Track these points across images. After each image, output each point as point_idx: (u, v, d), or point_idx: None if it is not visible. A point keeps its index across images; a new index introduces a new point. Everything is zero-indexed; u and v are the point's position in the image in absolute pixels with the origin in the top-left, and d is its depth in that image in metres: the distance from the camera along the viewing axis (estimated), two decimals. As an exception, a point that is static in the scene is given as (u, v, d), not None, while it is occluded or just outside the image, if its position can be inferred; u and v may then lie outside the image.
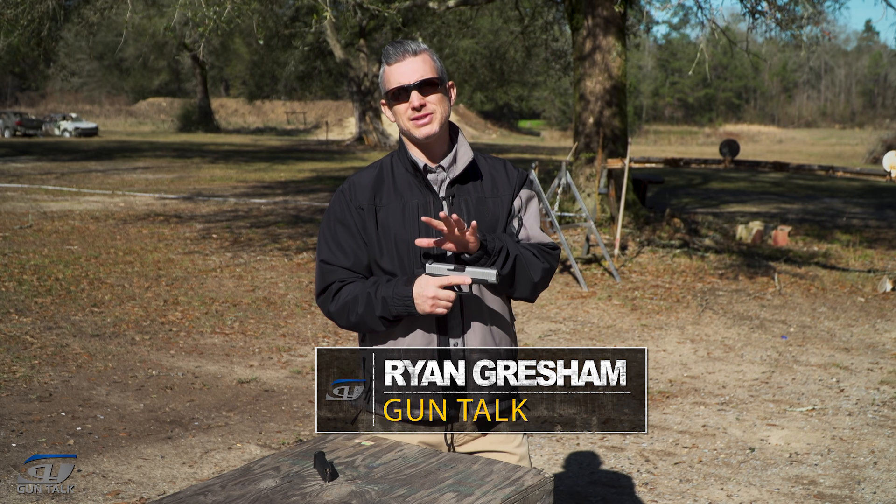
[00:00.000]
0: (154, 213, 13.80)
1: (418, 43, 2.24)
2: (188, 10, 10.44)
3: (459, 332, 2.25)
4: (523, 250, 2.25)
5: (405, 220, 2.24)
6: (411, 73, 2.21)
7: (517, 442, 2.34)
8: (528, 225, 2.34)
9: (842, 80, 74.75)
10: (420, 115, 2.22)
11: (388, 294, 2.16)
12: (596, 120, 12.77)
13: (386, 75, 2.24)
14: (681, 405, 5.45)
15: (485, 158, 2.37)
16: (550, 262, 2.30)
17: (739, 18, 43.00)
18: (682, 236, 12.11)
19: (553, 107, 55.42)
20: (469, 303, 2.25)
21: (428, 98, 2.22)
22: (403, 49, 2.22)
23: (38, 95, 59.26)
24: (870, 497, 4.11)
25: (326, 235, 2.30)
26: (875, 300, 8.76)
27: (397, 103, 2.23)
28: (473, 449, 2.30)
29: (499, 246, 2.19)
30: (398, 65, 2.22)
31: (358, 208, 2.26)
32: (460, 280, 2.12)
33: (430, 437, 2.27)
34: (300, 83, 41.58)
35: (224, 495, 1.85)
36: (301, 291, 8.42)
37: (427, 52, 2.24)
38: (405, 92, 2.21)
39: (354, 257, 2.26)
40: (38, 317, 7.12)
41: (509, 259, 2.20)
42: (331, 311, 2.27)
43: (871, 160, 31.99)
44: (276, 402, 5.31)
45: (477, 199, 2.29)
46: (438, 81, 2.24)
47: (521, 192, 2.35)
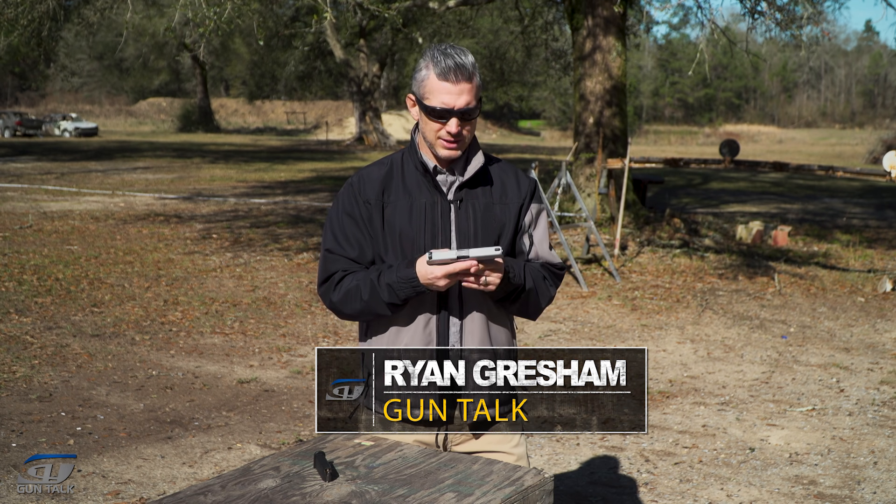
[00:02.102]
0: (154, 213, 13.80)
1: (471, 59, 2.18)
2: (188, 10, 10.44)
3: (459, 331, 2.25)
4: (538, 281, 2.28)
5: (412, 219, 2.24)
6: (458, 97, 2.16)
7: (515, 442, 2.33)
8: (537, 243, 2.34)
9: (842, 80, 74.75)
10: (453, 142, 2.20)
11: (392, 280, 2.16)
12: (596, 120, 12.77)
13: (430, 82, 2.17)
14: (681, 405, 5.45)
15: (496, 163, 2.36)
16: (557, 284, 2.34)
17: (739, 18, 43.00)
18: (682, 236, 12.11)
19: (553, 107, 55.40)
20: (469, 301, 2.25)
21: (465, 126, 2.20)
22: (458, 67, 2.15)
23: (38, 95, 59.26)
24: (870, 497, 4.11)
25: (333, 225, 2.30)
26: (875, 300, 8.76)
27: (432, 118, 2.19)
28: (470, 449, 2.30)
29: (518, 283, 2.21)
30: (449, 84, 2.16)
31: (365, 202, 2.26)
32: (467, 265, 2.10)
33: (427, 436, 2.27)
34: (300, 83, 41.58)
35: (224, 495, 1.85)
36: (301, 291, 8.42)
37: (476, 75, 2.19)
38: (447, 114, 2.18)
39: (359, 249, 2.26)
40: (38, 317, 7.12)
41: (524, 293, 2.24)
42: (333, 300, 2.26)
43: (871, 160, 32.00)
44: (276, 402, 5.31)
45: (485, 205, 2.28)
46: (479, 107, 2.22)
47: (532, 206, 2.34)
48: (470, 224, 2.25)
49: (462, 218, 2.25)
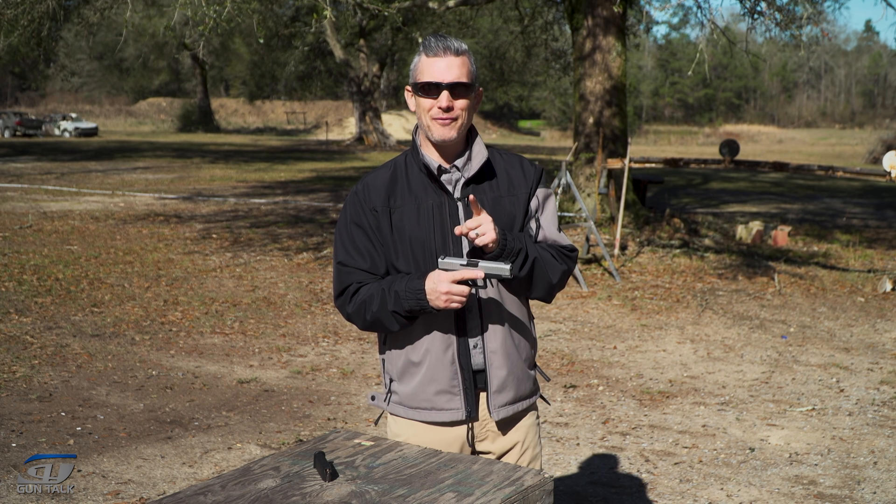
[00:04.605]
0: (154, 213, 13.80)
1: (461, 42, 2.20)
2: (188, 9, 10.44)
3: (479, 338, 2.24)
4: (542, 252, 2.23)
5: (420, 222, 2.21)
6: (447, 72, 2.16)
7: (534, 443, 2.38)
8: (545, 226, 2.31)
9: (842, 80, 74.77)
10: (445, 116, 2.18)
11: (400, 288, 2.14)
12: (596, 120, 12.76)
13: (420, 65, 2.19)
14: (681, 405, 5.45)
15: (500, 155, 2.34)
16: (568, 263, 2.28)
17: (739, 18, 42.99)
18: (682, 236, 12.11)
19: (553, 107, 55.41)
20: (488, 306, 2.23)
21: (457, 102, 2.18)
22: (445, 45, 2.17)
23: (38, 95, 59.29)
24: (870, 497, 4.11)
25: (343, 237, 2.27)
26: (875, 300, 8.75)
27: (425, 97, 2.19)
28: (490, 448, 2.32)
29: (518, 247, 2.16)
30: (436, 59, 2.17)
31: (372, 210, 2.24)
32: (473, 274, 2.07)
33: (450, 435, 2.28)
34: (300, 83, 41.58)
35: (224, 495, 1.85)
36: (301, 291, 8.42)
37: (467, 55, 2.20)
38: (436, 88, 2.17)
39: (371, 259, 2.23)
40: (38, 317, 7.12)
41: (528, 260, 2.17)
42: (349, 312, 2.24)
43: (871, 160, 32.00)
44: (276, 402, 5.31)
45: (493, 199, 2.25)
46: (471, 87, 2.20)
47: (538, 191, 2.32)
48: None
49: (471, 215, 2.21)
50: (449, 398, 2.23)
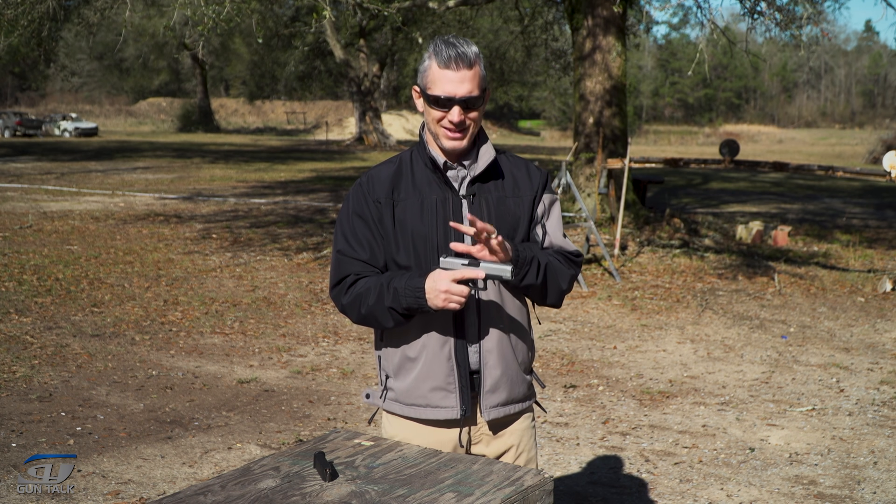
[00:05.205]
0: (154, 213, 13.80)
1: (471, 45, 2.16)
2: (188, 9, 10.44)
3: (476, 338, 2.23)
4: (551, 258, 2.23)
5: (423, 217, 2.20)
6: (459, 86, 2.13)
7: (529, 444, 2.37)
8: (551, 232, 2.30)
9: (842, 80, 74.78)
10: (456, 131, 2.17)
11: (400, 285, 2.12)
12: (596, 120, 12.76)
13: (431, 74, 2.15)
14: (681, 405, 5.45)
15: (507, 157, 2.33)
16: (575, 269, 2.28)
17: (739, 18, 42.98)
18: (682, 236, 12.11)
19: (553, 107, 55.43)
20: (487, 307, 2.22)
21: (468, 114, 2.17)
22: (459, 56, 2.12)
23: (38, 95, 59.31)
24: (870, 497, 4.11)
25: (344, 227, 2.26)
26: (875, 300, 8.75)
27: (436, 108, 2.17)
28: (484, 451, 2.31)
29: (529, 256, 2.15)
30: (448, 72, 2.14)
31: (375, 202, 2.23)
32: (473, 274, 2.06)
33: (445, 436, 2.27)
34: (300, 83, 41.59)
35: (224, 495, 1.84)
36: (301, 291, 8.42)
37: (478, 63, 2.16)
38: (448, 103, 2.15)
39: (371, 250, 2.22)
40: (38, 317, 7.12)
41: (541, 269, 2.17)
42: (343, 303, 2.23)
43: (871, 160, 32.01)
44: (276, 402, 5.31)
45: (497, 199, 2.24)
46: (482, 96, 2.19)
47: (545, 196, 2.31)
48: (484, 219, 2.20)
49: (476, 213, 2.20)
50: (444, 395, 2.22)
